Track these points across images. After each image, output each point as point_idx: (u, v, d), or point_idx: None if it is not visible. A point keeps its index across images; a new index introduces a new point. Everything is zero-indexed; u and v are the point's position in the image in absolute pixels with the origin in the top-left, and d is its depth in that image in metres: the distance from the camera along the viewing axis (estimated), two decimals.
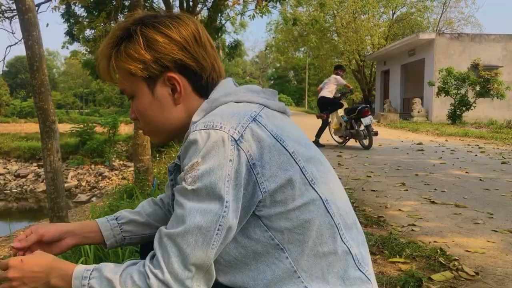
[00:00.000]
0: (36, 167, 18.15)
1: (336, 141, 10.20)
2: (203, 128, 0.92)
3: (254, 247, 0.95)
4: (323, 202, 0.98)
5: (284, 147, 0.96)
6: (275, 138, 0.95)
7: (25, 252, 1.13)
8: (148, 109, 1.08)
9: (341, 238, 0.99)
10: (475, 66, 19.03)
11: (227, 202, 0.88)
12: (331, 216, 0.98)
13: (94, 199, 14.07)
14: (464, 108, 17.75)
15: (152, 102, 1.07)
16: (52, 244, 1.19)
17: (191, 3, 12.76)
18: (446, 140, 11.52)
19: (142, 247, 1.35)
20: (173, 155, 10.24)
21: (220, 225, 0.88)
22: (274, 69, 73.10)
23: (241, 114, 0.96)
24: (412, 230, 3.28)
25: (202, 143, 0.90)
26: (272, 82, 74.12)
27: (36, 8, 6.62)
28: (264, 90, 1.10)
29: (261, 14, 10.21)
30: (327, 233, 0.97)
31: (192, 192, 0.89)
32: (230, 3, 13.39)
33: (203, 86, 1.08)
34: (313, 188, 0.97)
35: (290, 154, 0.96)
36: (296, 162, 0.96)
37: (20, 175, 17.52)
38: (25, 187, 16.58)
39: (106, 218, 1.29)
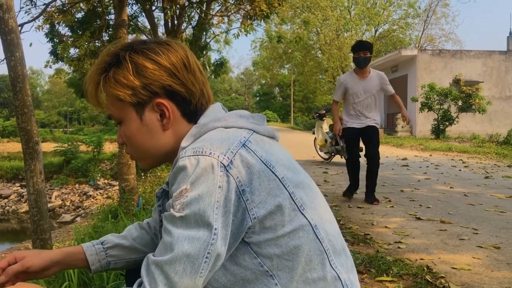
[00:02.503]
0: (19, 187, 17.86)
1: (322, 157, 10.24)
2: (192, 154, 0.91)
3: (243, 274, 0.94)
4: (312, 228, 0.97)
5: (274, 173, 0.95)
6: (264, 164, 0.95)
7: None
8: (136, 134, 1.07)
9: (330, 264, 0.98)
10: (456, 82, 19.40)
11: (215, 229, 0.87)
12: (320, 242, 0.98)
13: (78, 219, 13.86)
14: (447, 123, 18.00)
15: (140, 127, 1.06)
16: (37, 272, 1.16)
17: (176, 22, 12.80)
18: (431, 155, 11.64)
19: (128, 272, 1.33)
20: (159, 174, 10.17)
21: (208, 253, 0.86)
22: (259, 86, 73.39)
23: (231, 139, 0.95)
24: (399, 247, 3.29)
25: (191, 170, 0.89)
26: (257, 98, 74.44)
27: (19, 28, 6.59)
28: (253, 115, 1.10)
29: (245, 33, 10.28)
30: (317, 259, 0.96)
31: (180, 219, 0.88)
32: (215, 22, 13.51)
33: (192, 112, 1.07)
34: (302, 214, 0.96)
35: (280, 180, 0.95)
36: (285, 187, 0.95)
37: (2, 195, 17.21)
38: (7, 207, 16.28)
39: (91, 242, 1.27)
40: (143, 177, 11.00)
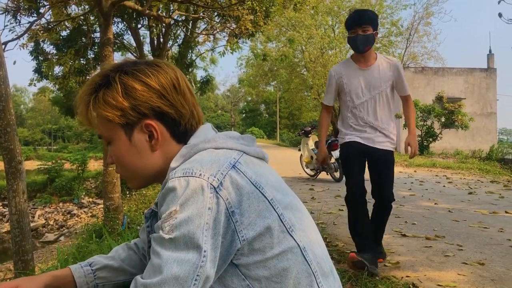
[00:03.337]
0: (1, 207, 17.52)
1: (308, 174, 10.27)
2: (182, 175, 0.91)
3: None
4: (301, 250, 0.97)
5: (263, 194, 0.95)
6: (254, 185, 0.95)
7: None
8: (125, 155, 1.08)
9: (318, 286, 0.98)
10: (439, 99, 19.71)
11: (205, 251, 0.86)
12: (309, 264, 0.98)
13: (62, 238, 13.62)
14: (431, 139, 18.22)
15: (129, 148, 1.07)
16: None
17: (161, 40, 12.86)
18: (415, 171, 11.75)
19: None
20: (144, 192, 10.08)
21: (197, 275, 0.86)
22: (245, 103, 73.66)
23: (221, 161, 0.96)
24: (385, 265, 3.29)
25: (180, 191, 0.89)
26: (244, 115, 74.63)
27: (3, 46, 6.55)
28: (242, 136, 1.10)
29: (231, 51, 10.36)
30: (305, 282, 0.96)
31: (169, 241, 0.87)
32: (200, 40, 13.59)
33: (182, 133, 1.08)
34: (291, 236, 0.96)
35: (269, 201, 0.95)
36: (274, 209, 0.96)
37: None
38: None
39: (79, 264, 1.26)
40: (128, 196, 10.90)
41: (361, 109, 3.23)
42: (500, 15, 7.05)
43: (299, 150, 10.86)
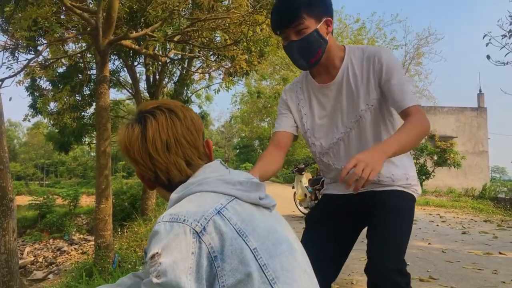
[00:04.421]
0: None
1: (302, 212, 10.22)
2: (168, 220, 0.95)
3: None
4: None
5: (246, 243, 0.96)
6: (237, 233, 0.96)
7: None
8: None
9: None
10: (431, 137, 19.89)
11: None
12: None
13: (51, 276, 13.30)
14: (424, 177, 18.28)
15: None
16: None
17: (157, 77, 13.03)
18: None
19: None
20: (136, 229, 9.96)
21: None
22: (239, 139, 73.89)
23: (207, 206, 0.98)
24: None
25: (164, 235, 0.93)
26: (238, 151, 74.72)
27: (0, 83, 6.60)
28: (242, 181, 1.09)
29: (226, 88, 10.50)
30: None
31: (158, 286, 0.90)
32: (196, 78, 13.78)
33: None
34: None
35: (251, 251, 0.96)
36: (256, 259, 0.96)
37: None
38: None
39: None
40: (119, 233, 10.74)
41: (331, 155, 1.94)
42: (488, 57, 7.22)
43: (293, 187, 10.85)
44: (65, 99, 10.34)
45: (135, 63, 13.13)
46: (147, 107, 1.16)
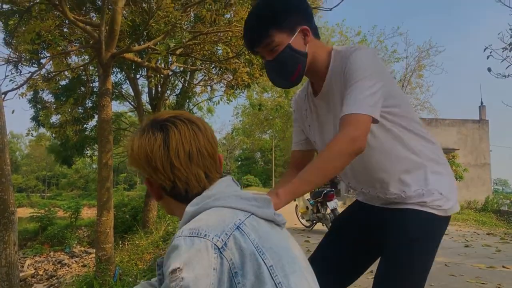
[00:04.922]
0: None
1: (304, 225, 10.18)
2: (188, 235, 0.94)
3: None
4: None
5: (263, 260, 0.96)
6: (255, 248, 0.96)
7: None
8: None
9: None
10: None
11: None
12: None
13: None
14: None
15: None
16: None
17: (159, 89, 13.08)
18: None
19: None
20: (137, 242, 9.92)
21: None
22: (241, 151, 73.99)
23: (226, 221, 0.98)
24: None
25: (184, 250, 0.92)
26: (239, 163, 74.73)
27: (3, 95, 6.64)
28: (256, 197, 1.10)
29: (228, 101, 10.53)
30: None
31: None
32: (198, 91, 13.84)
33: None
34: None
35: (268, 268, 0.96)
36: (272, 277, 0.95)
37: None
38: None
39: None
40: (121, 245, 10.71)
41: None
42: (489, 69, 7.25)
43: (294, 200, 10.83)
44: (68, 112, 10.38)
45: (138, 76, 13.21)
46: (163, 116, 1.15)
